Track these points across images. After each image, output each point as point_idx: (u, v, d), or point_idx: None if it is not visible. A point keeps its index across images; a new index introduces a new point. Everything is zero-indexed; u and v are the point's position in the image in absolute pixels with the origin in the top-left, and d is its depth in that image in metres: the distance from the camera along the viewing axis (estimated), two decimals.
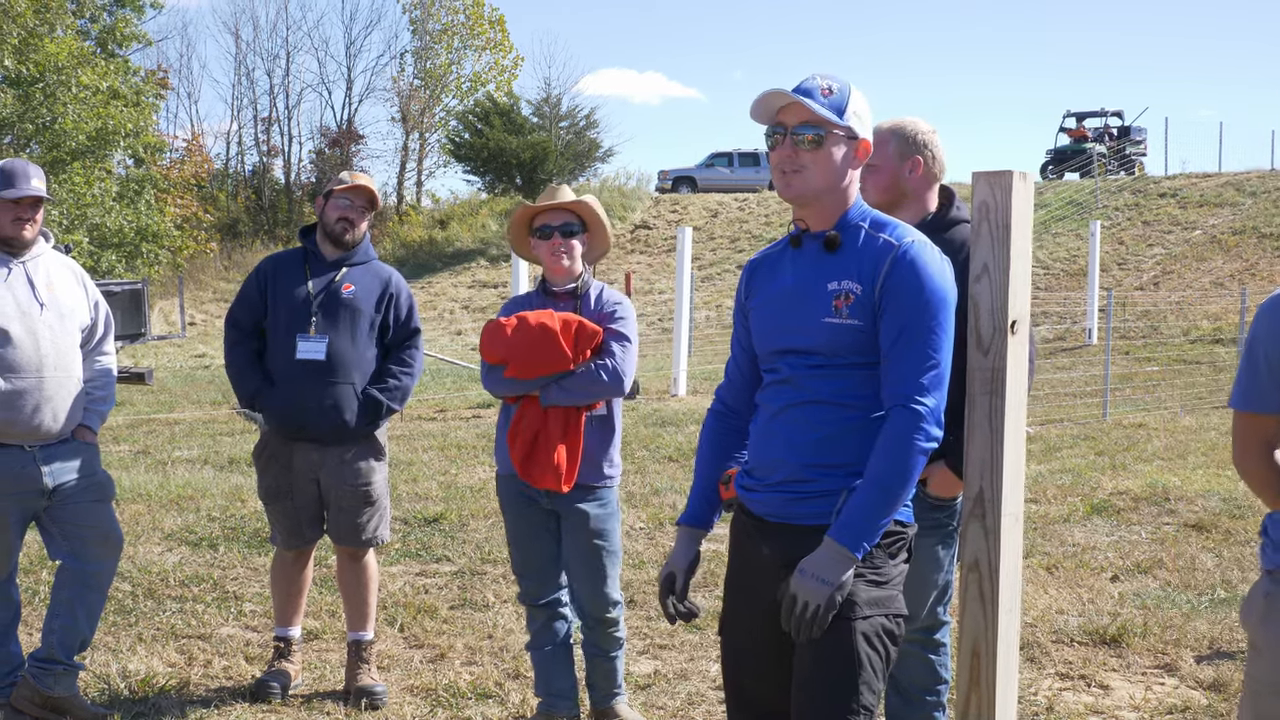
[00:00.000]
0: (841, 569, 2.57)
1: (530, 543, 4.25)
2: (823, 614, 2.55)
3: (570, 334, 4.04)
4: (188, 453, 10.69)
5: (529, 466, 4.09)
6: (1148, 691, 4.81)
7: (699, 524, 2.98)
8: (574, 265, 4.20)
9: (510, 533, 4.33)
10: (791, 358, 2.73)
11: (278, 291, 4.63)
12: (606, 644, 4.30)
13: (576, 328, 4.06)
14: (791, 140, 2.69)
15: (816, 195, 2.72)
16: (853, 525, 2.58)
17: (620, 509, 4.43)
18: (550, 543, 4.25)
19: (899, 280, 2.62)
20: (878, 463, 2.59)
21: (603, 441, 4.19)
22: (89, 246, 25.79)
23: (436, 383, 16.72)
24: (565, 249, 4.16)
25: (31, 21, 25.68)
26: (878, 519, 2.58)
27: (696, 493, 3.00)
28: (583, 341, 4.06)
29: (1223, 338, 20.66)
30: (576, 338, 4.05)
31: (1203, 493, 8.85)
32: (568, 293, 4.21)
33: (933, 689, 3.68)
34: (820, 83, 2.71)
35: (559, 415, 4.09)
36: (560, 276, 4.22)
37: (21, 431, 4.14)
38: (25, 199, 4.18)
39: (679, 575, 2.95)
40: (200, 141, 41.54)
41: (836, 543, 2.57)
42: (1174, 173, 34.01)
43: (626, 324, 4.18)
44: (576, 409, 4.10)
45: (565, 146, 36.07)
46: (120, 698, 4.62)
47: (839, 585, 2.56)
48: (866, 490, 2.59)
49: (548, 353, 4.03)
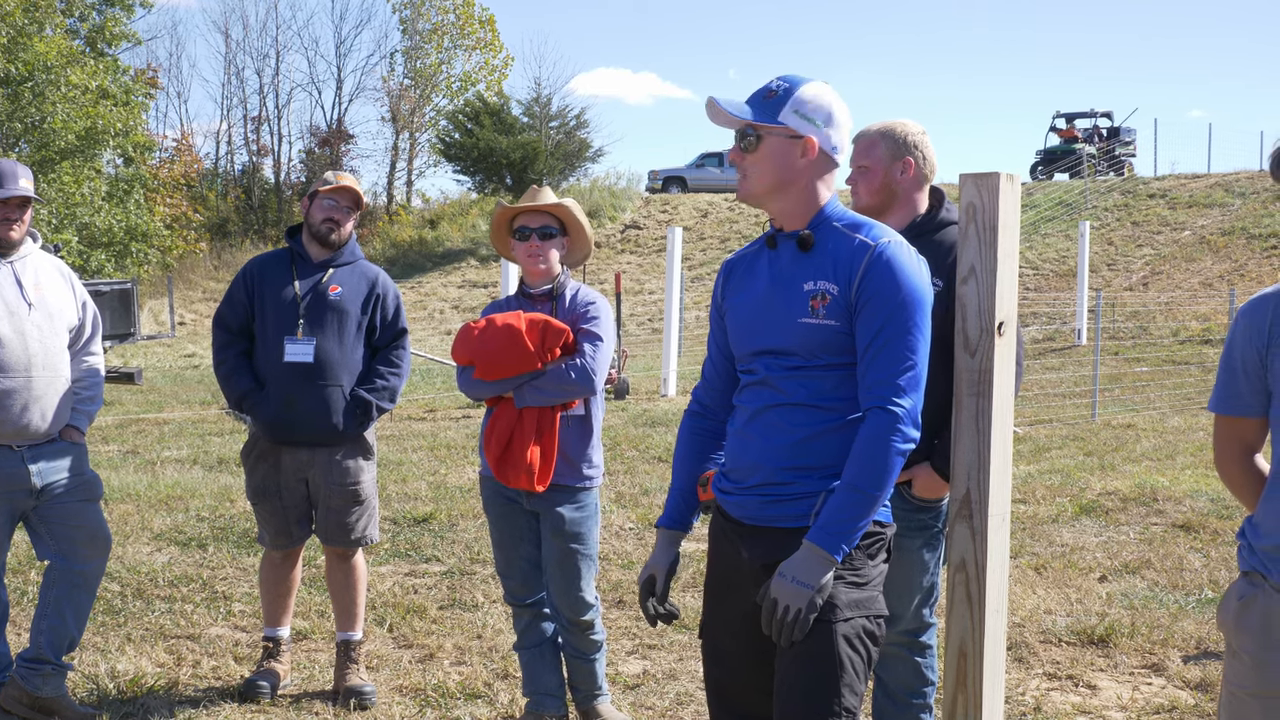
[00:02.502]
0: (821, 572, 2.56)
1: (512, 544, 4.26)
2: (804, 617, 2.55)
3: (536, 333, 4.04)
4: (177, 453, 10.67)
5: (503, 467, 4.10)
6: (1135, 691, 4.83)
7: (677, 526, 2.98)
8: (550, 267, 4.21)
9: (493, 534, 4.34)
10: (768, 358, 2.73)
11: (265, 294, 4.62)
12: (584, 646, 4.31)
13: (543, 326, 4.06)
14: (738, 144, 2.74)
15: (762, 196, 2.75)
16: (831, 528, 2.57)
17: (601, 511, 4.42)
18: (532, 543, 4.26)
19: (875, 281, 2.62)
20: (855, 464, 2.59)
21: (580, 441, 4.19)
22: (78, 246, 25.76)
23: (426, 383, 16.71)
24: (540, 251, 4.17)
25: (21, 20, 25.62)
26: (857, 521, 2.58)
27: (675, 495, 3.00)
28: (549, 339, 4.05)
29: (1212, 338, 20.72)
30: (543, 336, 4.05)
31: (1191, 493, 8.88)
32: (544, 294, 4.22)
33: (919, 691, 3.69)
34: (772, 84, 2.74)
35: (533, 415, 4.09)
36: (536, 279, 4.23)
37: (9, 431, 4.13)
38: (13, 199, 4.17)
39: (659, 577, 2.95)
40: (190, 141, 41.50)
41: (816, 546, 2.57)
42: (1163, 173, 34.14)
43: (599, 323, 4.18)
44: (551, 409, 4.11)
45: (555, 146, 36.05)
46: (109, 698, 4.61)
47: (819, 588, 2.56)
48: (845, 492, 2.58)
49: (512, 353, 4.03)
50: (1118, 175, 34.65)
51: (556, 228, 4.21)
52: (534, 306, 4.21)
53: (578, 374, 4.07)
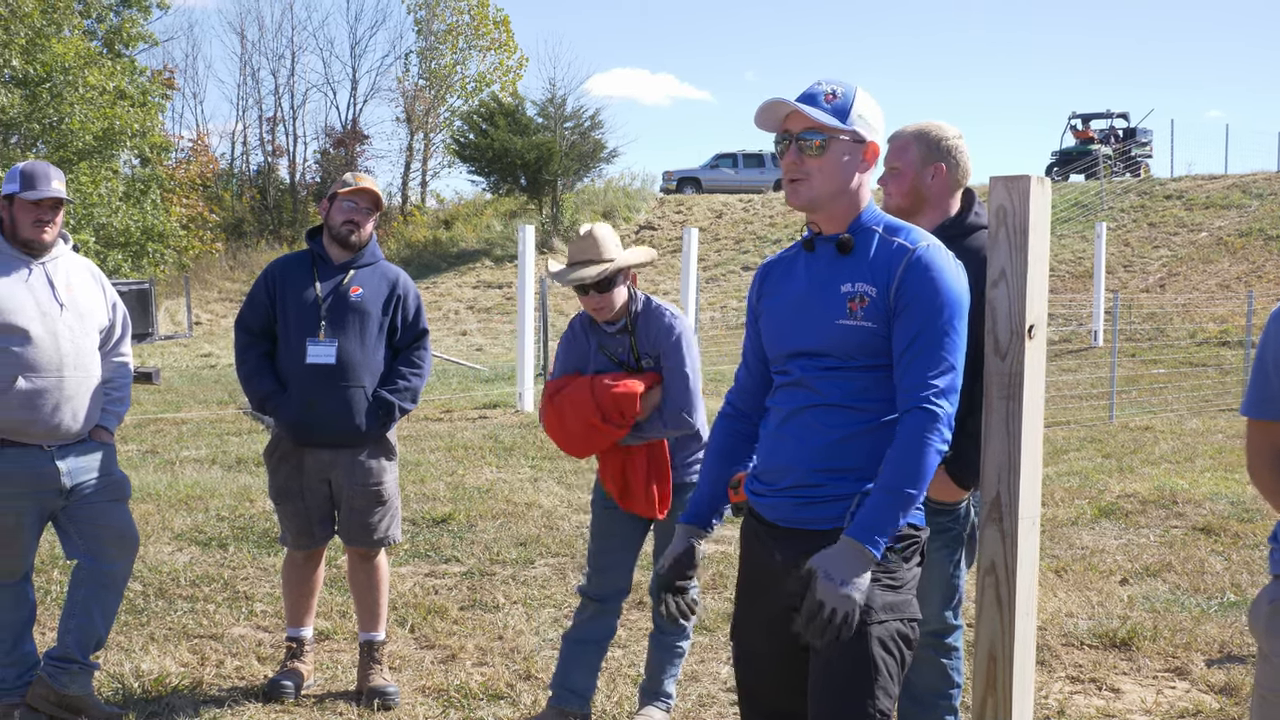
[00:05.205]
0: (863, 568, 2.56)
1: (609, 539, 4.33)
2: (852, 620, 2.55)
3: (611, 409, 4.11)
4: (195, 452, 10.71)
5: (626, 501, 4.24)
6: (1159, 695, 4.81)
7: (696, 522, 2.99)
8: (614, 311, 4.24)
9: (594, 525, 4.39)
10: (803, 360, 2.74)
11: (286, 295, 4.63)
12: (671, 629, 4.36)
13: (610, 402, 4.11)
14: (797, 147, 2.69)
15: (823, 201, 2.72)
16: (871, 525, 2.57)
17: None
18: (628, 545, 4.33)
19: (914, 284, 2.62)
20: (893, 464, 2.59)
21: (689, 449, 4.31)
22: (95, 246, 25.86)
23: (442, 383, 16.73)
24: (602, 304, 4.20)
25: (39, 22, 25.75)
26: (896, 521, 2.58)
27: (701, 494, 3.00)
28: (626, 409, 4.11)
29: (1229, 340, 20.63)
30: (618, 409, 4.11)
31: (1210, 496, 8.85)
32: (619, 328, 4.28)
33: (945, 693, 3.68)
34: (824, 88, 2.72)
35: (641, 450, 4.22)
36: (605, 322, 4.29)
37: (41, 431, 4.15)
38: (45, 201, 4.20)
39: (667, 564, 2.97)
40: (206, 141, 41.66)
41: (857, 542, 2.56)
42: (1180, 175, 33.97)
43: (680, 356, 4.21)
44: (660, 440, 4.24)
45: (570, 147, 36.03)
46: (134, 697, 4.63)
47: (863, 590, 2.56)
48: (882, 493, 2.59)
49: (593, 439, 4.18)
50: (1134, 176, 34.52)
51: (614, 274, 4.21)
52: (611, 339, 4.27)
53: (672, 424, 4.20)
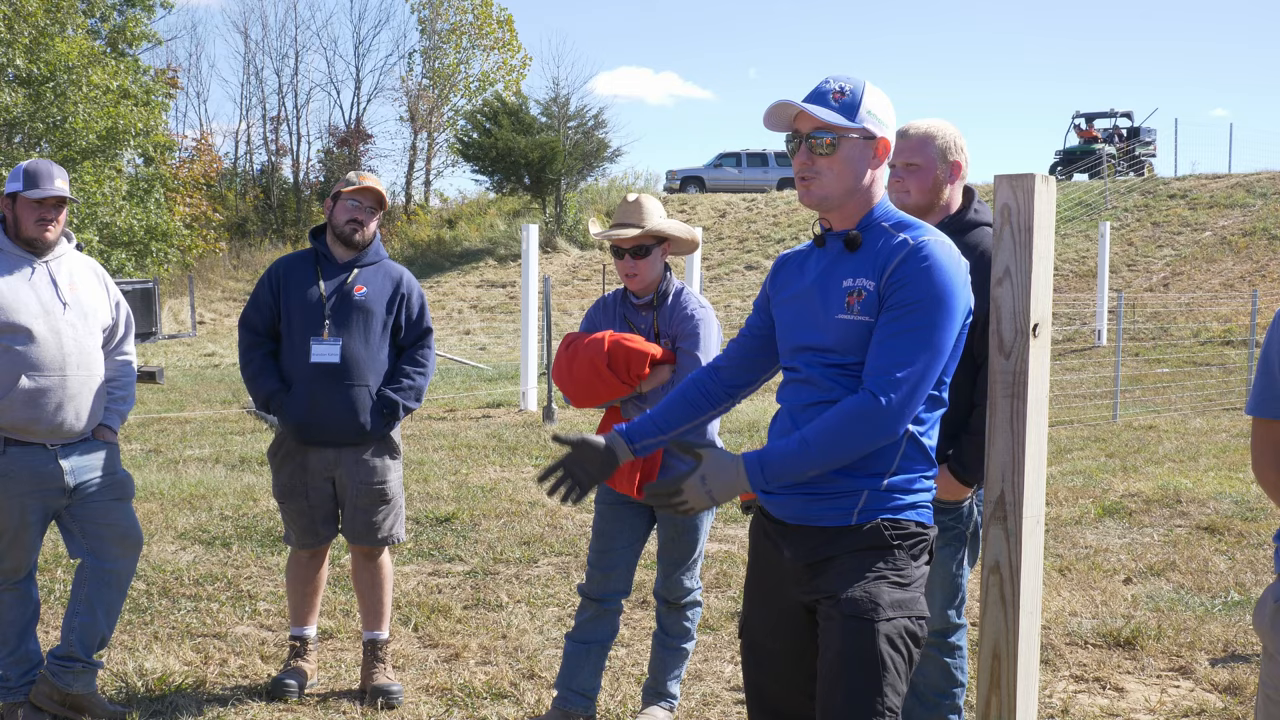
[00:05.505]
0: (735, 490, 2.66)
1: (612, 538, 4.31)
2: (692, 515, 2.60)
3: (620, 362, 4.12)
4: (199, 451, 10.72)
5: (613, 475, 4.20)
6: (1163, 694, 4.81)
7: (625, 438, 2.96)
8: (647, 281, 4.26)
9: (597, 523, 4.37)
10: (809, 355, 2.74)
11: (290, 294, 4.63)
12: (676, 631, 4.35)
13: (625, 355, 4.12)
14: (807, 147, 2.69)
15: (836, 199, 2.71)
16: (767, 460, 2.63)
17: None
18: (631, 544, 4.31)
19: (905, 273, 2.60)
20: (820, 426, 2.58)
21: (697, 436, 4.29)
22: (99, 245, 25.87)
23: (445, 382, 16.73)
24: (635, 270, 4.24)
25: (42, 21, 25.77)
26: (792, 474, 2.62)
27: (646, 419, 2.98)
28: (634, 365, 4.13)
29: (1233, 340, 20.61)
30: (627, 365, 4.13)
31: (1214, 495, 8.84)
32: (646, 303, 4.31)
33: (948, 692, 3.67)
34: (832, 86, 2.70)
35: None
36: (636, 292, 4.31)
37: (44, 430, 4.15)
38: (49, 199, 4.20)
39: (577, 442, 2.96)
40: (209, 141, 41.54)
41: (747, 466, 2.63)
42: (1183, 174, 33.91)
43: (697, 341, 4.22)
44: None
45: (573, 146, 35.98)
46: (137, 696, 4.63)
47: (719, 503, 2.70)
48: (800, 440, 2.60)
49: (598, 386, 4.17)
50: (1138, 175, 34.49)
51: (651, 243, 4.24)
52: (637, 313, 4.30)
53: None
